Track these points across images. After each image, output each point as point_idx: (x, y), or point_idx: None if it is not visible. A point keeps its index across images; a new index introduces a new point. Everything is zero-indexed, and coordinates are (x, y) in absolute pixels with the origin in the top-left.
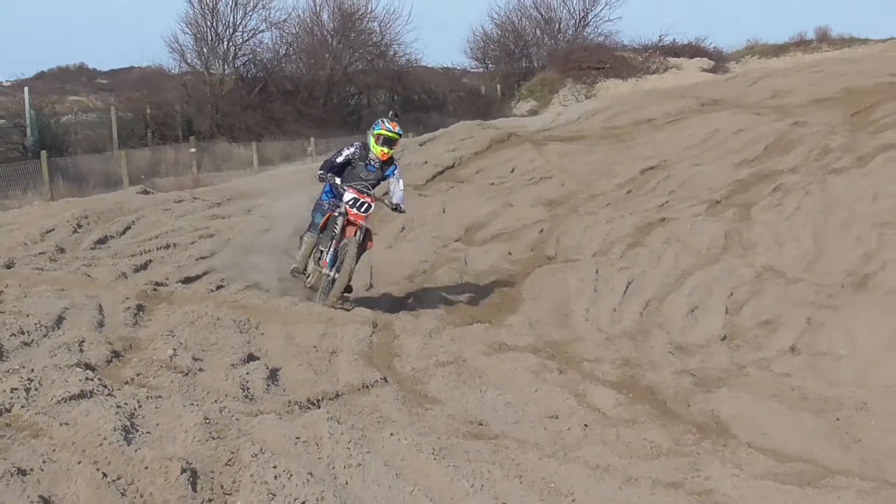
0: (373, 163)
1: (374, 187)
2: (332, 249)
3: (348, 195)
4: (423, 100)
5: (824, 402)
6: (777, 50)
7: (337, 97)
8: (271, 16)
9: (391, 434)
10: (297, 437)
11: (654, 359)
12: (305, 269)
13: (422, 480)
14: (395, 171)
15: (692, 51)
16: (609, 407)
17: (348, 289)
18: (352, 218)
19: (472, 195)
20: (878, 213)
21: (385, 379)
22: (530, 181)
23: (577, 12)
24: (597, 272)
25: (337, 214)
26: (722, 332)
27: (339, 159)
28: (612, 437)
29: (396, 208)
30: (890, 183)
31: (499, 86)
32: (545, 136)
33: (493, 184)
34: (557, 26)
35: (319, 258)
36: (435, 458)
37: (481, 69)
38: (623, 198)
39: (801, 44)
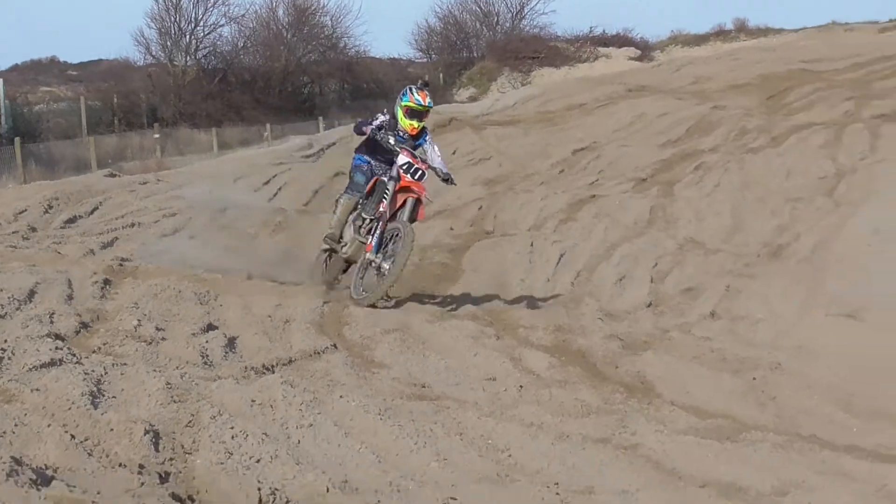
0: (401, 134)
1: None
2: (378, 230)
3: (402, 158)
4: (371, 88)
5: (742, 362)
6: (699, 39)
7: (291, 86)
8: (230, 11)
9: (340, 396)
10: (253, 400)
11: (584, 324)
12: (341, 237)
13: (369, 439)
14: (428, 138)
15: (620, 41)
16: (543, 369)
17: None
18: (407, 184)
19: None
20: (791, 189)
21: (335, 345)
22: (470, 162)
23: (513, 6)
24: (532, 245)
25: (387, 179)
26: (647, 300)
27: (375, 123)
28: (545, 397)
29: (448, 179)
30: (802, 161)
31: (441, 75)
32: (484, 121)
33: None
34: (496, 19)
35: (360, 226)
36: (381, 418)
37: (425, 59)
38: (556, 177)
39: (720, 34)
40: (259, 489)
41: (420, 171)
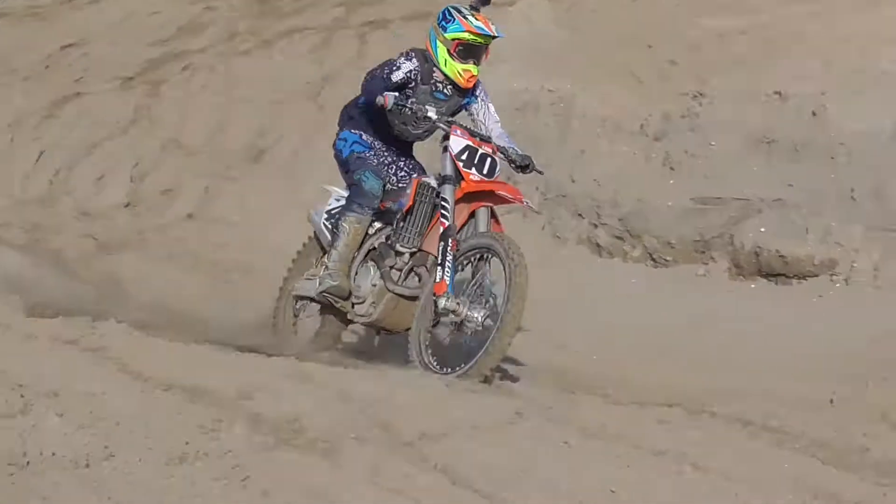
0: (442, 87)
1: None
2: (448, 257)
3: (458, 141)
4: None
5: (214, 265)
6: None
7: None
8: None
9: None
10: None
11: (60, 223)
12: (350, 290)
13: None
14: (480, 92)
15: None
16: (15, 269)
17: None
18: (476, 187)
19: None
20: (278, 93)
21: None
22: None
23: None
24: (12, 140)
25: (437, 183)
26: (126, 200)
27: (397, 77)
28: (14, 299)
29: (528, 166)
30: (290, 65)
31: None
32: None
33: None
34: None
35: (392, 267)
36: None
37: None
38: (42, 73)
39: None
40: None
41: (489, 160)
